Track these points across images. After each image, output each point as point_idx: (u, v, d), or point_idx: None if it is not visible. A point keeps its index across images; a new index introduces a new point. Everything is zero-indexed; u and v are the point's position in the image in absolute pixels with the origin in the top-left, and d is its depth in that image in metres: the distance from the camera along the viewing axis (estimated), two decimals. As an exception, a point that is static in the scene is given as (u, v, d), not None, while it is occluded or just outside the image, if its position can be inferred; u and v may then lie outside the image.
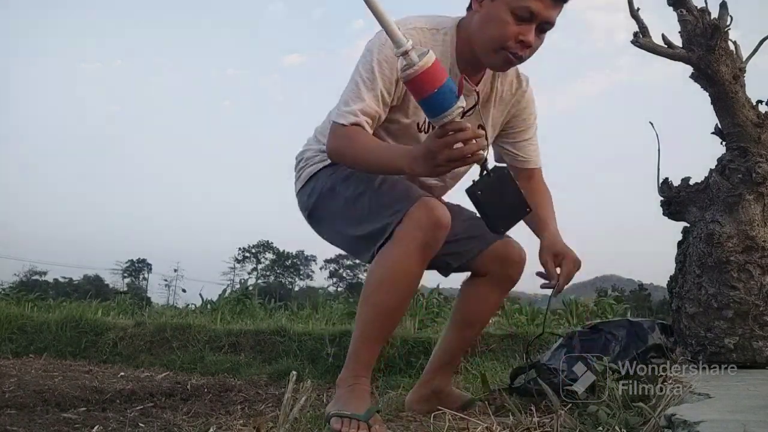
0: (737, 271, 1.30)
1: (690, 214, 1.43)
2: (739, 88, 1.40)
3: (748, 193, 1.34)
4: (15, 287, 9.54)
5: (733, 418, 0.77)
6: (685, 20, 1.42)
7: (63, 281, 36.40)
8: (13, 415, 1.84)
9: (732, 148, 1.40)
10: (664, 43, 1.45)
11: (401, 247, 1.32)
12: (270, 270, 54.12)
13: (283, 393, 1.60)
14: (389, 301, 1.36)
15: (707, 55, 1.38)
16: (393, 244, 1.33)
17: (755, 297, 1.29)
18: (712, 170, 1.42)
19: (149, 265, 51.38)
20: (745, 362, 1.28)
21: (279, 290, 25.96)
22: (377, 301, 1.37)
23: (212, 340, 3.99)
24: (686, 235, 1.45)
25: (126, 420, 1.86)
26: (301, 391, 1.37)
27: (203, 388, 2.64)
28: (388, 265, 1.34)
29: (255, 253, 53.99)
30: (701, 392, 0.98)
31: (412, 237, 1.31)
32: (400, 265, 1.33)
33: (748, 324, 1.28)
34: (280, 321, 4.71)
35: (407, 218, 1.32)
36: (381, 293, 1.36)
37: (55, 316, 4.61)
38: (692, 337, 1.35)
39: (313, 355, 3.62)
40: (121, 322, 4.56)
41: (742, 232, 1.32)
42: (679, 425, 0.77)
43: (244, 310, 6.38)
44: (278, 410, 1.41)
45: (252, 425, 1.45)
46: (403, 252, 1.32)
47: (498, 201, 1.26)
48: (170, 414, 2.01)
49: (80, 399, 2.19)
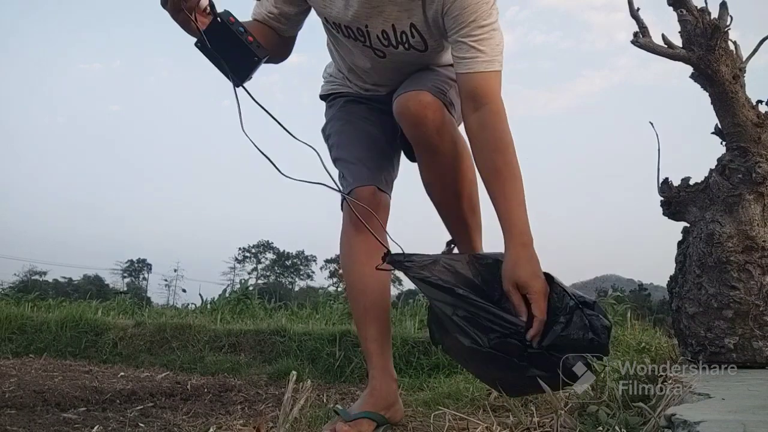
0: (737, 271, 1.30)
1: (690, 214, 1.43)
2: (739, 88, 1.40)
3: (748, 193, 1.34)
4: (15, 287, 9.54)
5: (733, 418, 0.77)
6: (685, 20, 1.42)
7: (63, 281, 36.45)
8: (13, 415, 1.84)
9: (732, 148, 1.40)
10: (664, 43, 1.45)
11: (343, 242, 1.62)
12: (270, 270, 54.12)
13: (283, 393, 1.60)
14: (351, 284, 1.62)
15: (707, 55, 1.38)
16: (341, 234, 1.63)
17: (755, 297, 1.29)
18: (712, 170, 1.42)
19: (149, 265, 51.42)
20: (745, 362, 1.28)
21: (279, 290, 25.95)
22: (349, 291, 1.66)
23: (212, 340, 3.98)
24: (686, 235, 1.45)
25: (126, 420, 1.85)
26: (301, 391, 1.38)
27: (203, 388, 2.64)
28: (342, 256, 1.64)
29: (255, 253, 54.01)
30: (701, 392, 0.98)
31: (346, 233, 1.60)
32: (346, 259, 1.61)
33: (748, 324, 1.28)
34: (280, 321, 4.71)
35: (344, 212, 1.61)
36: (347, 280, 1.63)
37: (54, 316, 4.60)
38: (692, 337, 1.35)
39: (313, 355, 3.62)
40: (121, 322, 4.55)
41: (742, 232, 1.32)
42: (679, 425, 0.77)
43: (244, 310, 6.37)
44: (278, 410, 1.41)
45: (252, 425, 1.45)
46: (345, 243, 1.61)
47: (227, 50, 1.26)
48: (170, 414, 2.01)
49: (80, 399, 2.19)
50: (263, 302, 7.07)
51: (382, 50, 1.52)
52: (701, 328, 1.33)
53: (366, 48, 1.54)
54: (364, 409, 1.50)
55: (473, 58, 1.38)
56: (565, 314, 1.22)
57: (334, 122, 1.72)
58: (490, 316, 1.22)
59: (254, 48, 1.28)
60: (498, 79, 1.40)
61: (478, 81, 1.39)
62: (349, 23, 1.48)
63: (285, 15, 1.55)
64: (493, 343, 1.19)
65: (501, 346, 1.18)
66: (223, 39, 1.27)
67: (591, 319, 1.24)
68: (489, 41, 1.38)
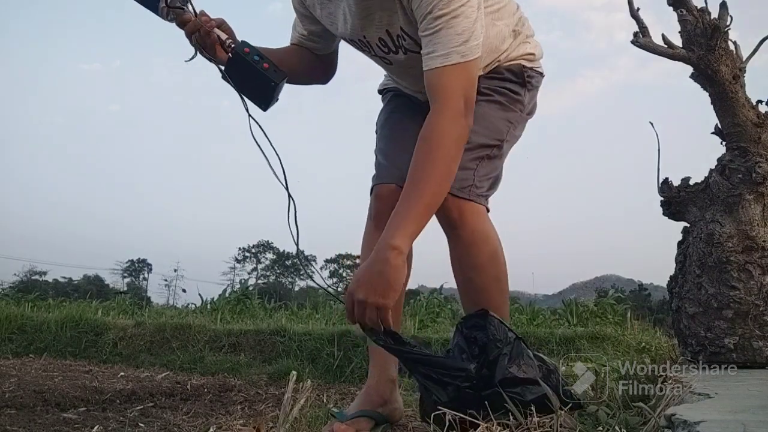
0: (737, 271, 1.30)
1: (690, 214, 1.43)
2: (739, 88, 1.40)
3: (748, 193, 1.34)
4: (15, 287, 9.54)
5: (733, 418, 0.77)
6: (685, 20, 1.42)
7: (63, 281, 36.46)
8: (13, 415, 1.84)
9: (732, 148, 1.40)
10: (664, 43, 1.45)
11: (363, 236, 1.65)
12: (270, 270, 54.14)
13: (283, 393, 1.61)
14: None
15: (707, 55, 1.39)
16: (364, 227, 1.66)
17: (755, 297, 1.29)
18: (712, 170, 1.42)
19: (149, 265, 51.46)
20: (745, 362, 1.28)
21: (279, 290, 25.94)
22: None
23: (212, 340, 3.99)
24: (686, 235, 1.45)
25: (126, 420, 1.85)
26: (301, 391, 1.37)
27: (203, 388, 2.64)
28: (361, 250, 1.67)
29: (255, 253, 54.02)
30: (701, 392, 0.98)
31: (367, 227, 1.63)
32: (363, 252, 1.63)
33: (748, 324, 1.28)
34: (280, 321, 4.71)
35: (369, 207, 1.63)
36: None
37: (54, 316, 4.60)
38: (692, 337, 1.35)
39: (313, 355, 3.62)
40: (121, 322, 4.55)
41: (742, 232, 1.32)
42: (679, 425, 0.77)
43: (244, 310, 6.38)
44: (278, 410, 1.41)
45: (252, 425, 1.45)
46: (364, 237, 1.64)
47: (247, 79, 1.39)
48: (170, 414, 2.01)
49: (80, 399, 2.18)
50: (263, 302, 7.07)
51: (386, 57, 1.51)
52: (701, 328, 1.33)
53: (374, 57, 1.55)
54: (360, 408, 1.50)
55: (428, 54, 1.29)
56: (507, 345, 1.20)
57: (380, 115, 1.77)
58: (440, 370, 1.19)
59: (270, 74, 1.39)
60: (456, 73, 1.28)
61: (430, 79, 1.30)
62: (351, 36, 1.49)
63: (314, 33, 1.60)
64: (452, 396, 1.16)
65: (458, 398, 1.15)
66: (242, 70, 1.39)
67: (534, 351, 1.24)
68: (446, 32, 1.27)
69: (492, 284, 1.49)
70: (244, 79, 1.40)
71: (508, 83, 1.57)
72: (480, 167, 1.49)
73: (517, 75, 1.58)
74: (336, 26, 1.51)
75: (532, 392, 1.15)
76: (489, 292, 1.48)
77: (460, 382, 1.17)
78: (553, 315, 6.53)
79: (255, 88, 1.40)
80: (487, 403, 1.12)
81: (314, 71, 1.68)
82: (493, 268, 1.50)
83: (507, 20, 1.56)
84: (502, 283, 1.52)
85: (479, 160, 1.50)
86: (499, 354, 1.18)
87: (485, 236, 1.48)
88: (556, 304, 8.26)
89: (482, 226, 1.48)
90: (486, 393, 1.14)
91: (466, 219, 1.45)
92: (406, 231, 1.20)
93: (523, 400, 1.12)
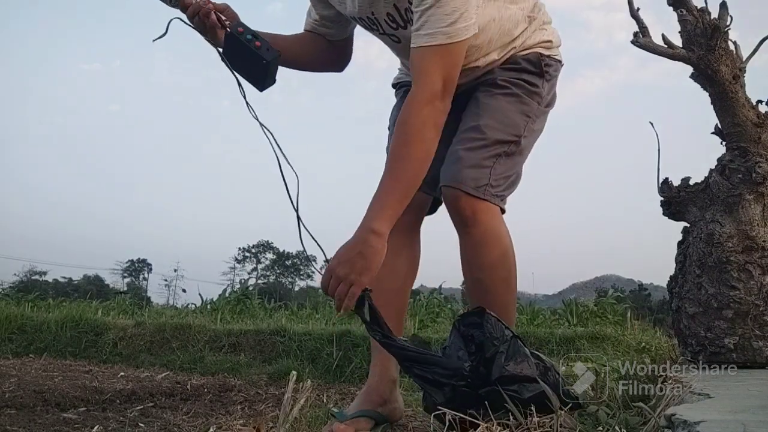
0: (737, 271, 1.30)
1: (690, 214, 1.43)
2: (739, 88, 1.40)
3: (748, 193, 1.34)
4: (15, 287, 9.54)
5: (733, 418, 0.77)
6: (685, 20, 1.42)
7: (63, 281, 36.48)
8: (13, 415, 1.84)
9: (732, 148, 1.40)
10: (664, 43, 1.45)
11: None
12: (270, 270, 54.15)
13: (283, 393, 1.61)
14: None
15: (707, 55, 1.38)
16: None
17: (755, 297, 1.29)
18: (712, 170, 1.42)
19: (149, 265, 51.48)
20: (745, 362, 1.28)
21: (279, 290, 25.95)
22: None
23: (212, 340, 3.99)
24: (686, 235, 1.45)
25: (126, 420, 1.85)
26: (301, 391, 1.37)
27: (203, 388, 2.64)
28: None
29: (255, 253, 54.05)
30: (701, 392, 0.98)
31: None
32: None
33: (748, 324, 1.28)
34: (280, 321, 4.72)
35: None
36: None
37: (54, 316, 4.60)
38: (692, 337, 1.35)
39: (313, 355, 3.62)
40: (121, 322, 4.55)
41: (742, 232, 1.32)
42: (679, 425, 0.77)
43: (244, 310, 6.38)
44: (278, 410, 1.41)
45: (252, 425, 1.45)
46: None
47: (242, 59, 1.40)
48: (170, 414, 2.01)
49: (80, 399, 2.18)
50: (263, 302, 7.08)
51: (394, 34, 1.49)
52: (701, 328, 1.33)
53: (383, 36, 1.52)
54: (360, 408, 1.50)
55: (416, 31, 1.29)
56: (504, 343, 1.19)
57: (393, 111, 1.73)
58: (435, 369, 1.19)
59: (262, 52, 1.40)
60: (439, 55, 1.28)
61: (413, 57, 1.30)
62: (360, 14, 1.47)
63: (326, 18, 1.59)
64: (449, 396, 1.16)
65: (455, 398, 1.15)
66: (237, 50, 1.41)
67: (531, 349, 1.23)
68: (435, 10, 1.26)
69: (500, 285, 1.48)
70: (240, 60, 1.42)
71: (525, 74, 1.53)
72: (497, 165, 1.45)
73: (534, 65, 1.54)
74: (345, 5, 1.50)
75: (530, 390, 1.15)
76: (497, 292, 1.47)
77: (455, 382, 1.17)
78: (553, 315, 6.53)
79: (250, 68, 1.42)
80: (486, 402, 1.12)
81: (328, 58, 1.67)
82: (503, 269, 1.48)
83: (521, 4, 1.52)
84: (510, 285, 1.50)
85: (496, 157, 1.45)
86: (496, 352, 1.18)
87: (497, 237, 1.46)
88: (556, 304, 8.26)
89: (495, 226, 1.46)
90: (483, 391, 1.14)
91: (478, 218, 1.42)
92: (385, 214, 1.24)
93: (521, 398, 1.12)
